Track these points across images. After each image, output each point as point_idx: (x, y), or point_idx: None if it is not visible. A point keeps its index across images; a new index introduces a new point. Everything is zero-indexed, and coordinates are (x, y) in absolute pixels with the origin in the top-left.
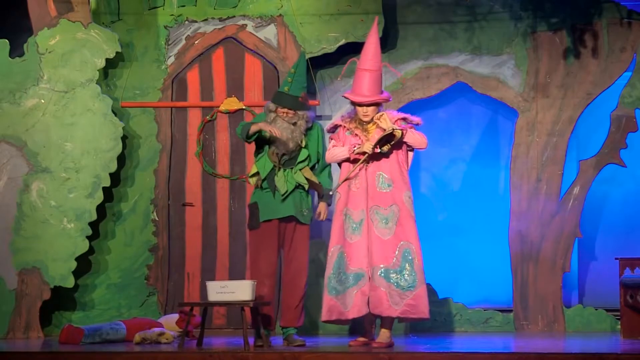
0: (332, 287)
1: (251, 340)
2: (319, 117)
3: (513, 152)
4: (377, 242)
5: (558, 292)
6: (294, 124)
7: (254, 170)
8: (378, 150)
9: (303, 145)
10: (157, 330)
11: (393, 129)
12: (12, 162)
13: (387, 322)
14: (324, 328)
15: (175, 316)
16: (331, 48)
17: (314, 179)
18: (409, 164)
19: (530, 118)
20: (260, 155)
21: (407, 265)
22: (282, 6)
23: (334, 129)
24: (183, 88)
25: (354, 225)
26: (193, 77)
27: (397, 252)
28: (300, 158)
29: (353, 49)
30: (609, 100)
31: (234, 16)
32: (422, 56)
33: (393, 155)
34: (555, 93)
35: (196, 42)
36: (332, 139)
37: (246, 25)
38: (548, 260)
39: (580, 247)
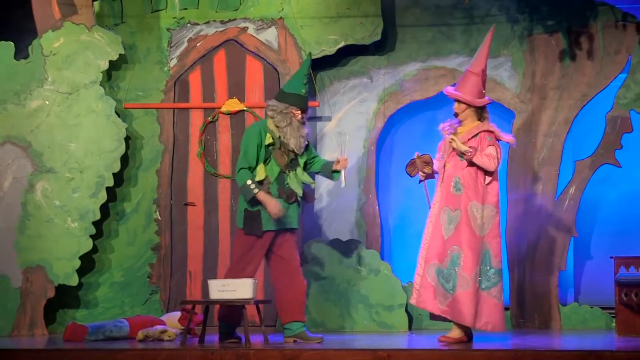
0: None
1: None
2: (319, 119)
3: (510, 152)
4: (440, 240)
5: (554, 291)
6: (304, 123)
7: (261, 176)
8: (422, 177)
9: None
10: (159, 327)
11: (412, 158)
12: (17, 163)
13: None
14: (324, 326)
15: (178, 314)
16: (331, 50)
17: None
18: (485, 179)
19: (526, 119)
20: (267, 160)
21: (451, 268)
22: (282, 9)
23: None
24: (185, 89)
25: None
26: (195, 79)
27: (448, 254)
28: (309, 156)
29: (353, 51)
30: (604, 101)
31: (235, 19)
32: (420, 58)
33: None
34: (552, 94)
35: (198, 45)
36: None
37: (247, 27)
38: (544, 259)
39: (576, 246)
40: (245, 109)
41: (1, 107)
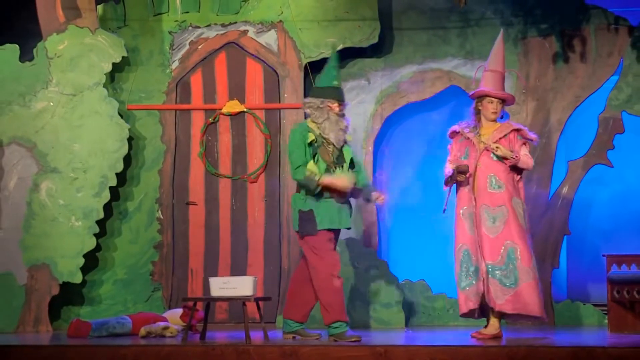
0: (464, 282)
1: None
2: None
3: None
4: (486, 239)
5: (548, 288)
6: (343, 115)
7: (316, 170)
8: (462, 179)
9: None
10: (161, 324)
11: (456, 169)
12: (22, 163)
13: (495, 313)
14: (322, 323)
15: (179, 311)
16: (329, 53)
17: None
18: (520, 178)
19: (520, 120)
20: (314, 157)
21: (510, 263)
22: (282, 12)
23: (452, 135)
24: (187, 91)
25: (471, 223)
26: (196, 81)
27: (502, 251)
28: (347, 157)
29: (350, 53)
30: (597, 102)
31: (236, 22)
32: (416, 61)
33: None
34: (545, 96)
35: (199, 47)
36: (450, 150)
37: (247, 30)
38: (538, 257)
39: (569, 244)
40: (245, 110)
41: (7, 109)
